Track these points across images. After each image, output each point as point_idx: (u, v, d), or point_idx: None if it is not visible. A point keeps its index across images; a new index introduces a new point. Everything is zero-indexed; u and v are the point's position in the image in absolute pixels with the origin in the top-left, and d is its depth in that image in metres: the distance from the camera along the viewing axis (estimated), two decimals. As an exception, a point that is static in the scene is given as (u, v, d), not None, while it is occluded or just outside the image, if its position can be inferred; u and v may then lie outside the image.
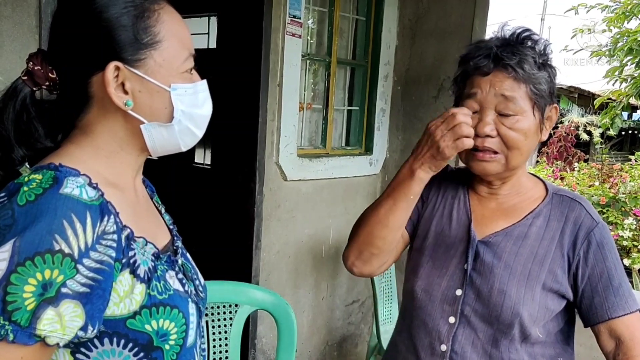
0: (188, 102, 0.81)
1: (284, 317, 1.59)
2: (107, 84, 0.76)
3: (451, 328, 1.11)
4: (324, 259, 3.08)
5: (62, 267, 0.66)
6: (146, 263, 0.79)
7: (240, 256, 2.72)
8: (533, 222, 1.12)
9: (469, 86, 1.09)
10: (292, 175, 2.79)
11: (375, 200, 1.17)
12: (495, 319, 1.08)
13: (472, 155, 1.09)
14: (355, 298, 3.35)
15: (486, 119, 1.05)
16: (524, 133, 1.06)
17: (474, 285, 1.11)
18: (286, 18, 2.60)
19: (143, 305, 0.76)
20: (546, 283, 1.08)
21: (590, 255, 1.09)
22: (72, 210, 0.69)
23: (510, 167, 1.09)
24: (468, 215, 1.17)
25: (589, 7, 7.50)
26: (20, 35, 1.67)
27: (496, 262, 1.10)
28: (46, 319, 0.66)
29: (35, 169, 0.75)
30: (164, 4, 0.81)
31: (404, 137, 3.27)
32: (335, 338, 3.27)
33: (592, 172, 6.94)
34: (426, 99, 3.14)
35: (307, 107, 3.01)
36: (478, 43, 1.12)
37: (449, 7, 3.01)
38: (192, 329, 0.83)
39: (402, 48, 3.23)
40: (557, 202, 1.14)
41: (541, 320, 1.09)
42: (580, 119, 11.03)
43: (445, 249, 1.16)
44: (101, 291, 0.70)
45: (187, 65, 0.82)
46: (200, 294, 0.92)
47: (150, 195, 1.00)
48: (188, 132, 0.83)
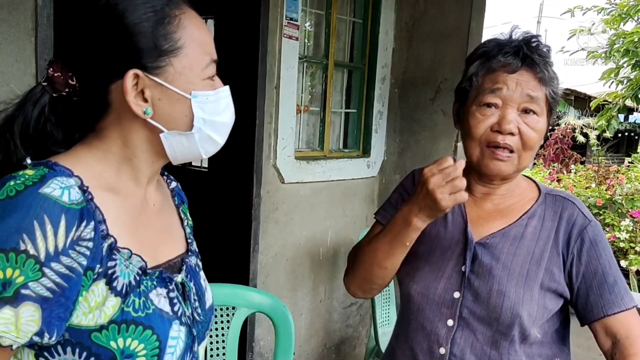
0: (209, 110, 0.80)
1: (282, 319, 1.58)
2: (125, 92, 0.75)
3: (449, 331, 1.10)
4: (322, 261, 3.07)
5: (24, 268, 0.65)
6: (128, 276, 0.75)
7: (238, 259, 2.71)
8: (528, 222, 1.12)
9: (491, 81, 1.07)
10: (290, 177, 2.79)
11: (373, 241, 1.15)
12: (494, 321, 1.07)
13: (488, 153, 1.07)
14: (353, 301, 3.34)
15: (509, 116, 1.05)
16: (540, 134, 1.07)
17: (472, 287, 1.10)
18: (283, 20, 2.61)
19: (112, 320, 0.72)
20: (544, 282, 1.08)
21: (583, 253, 1.09)
22: (46, 211, 0.67)
23: (521, 167, 1.09)
24: (463, 217, 1.16)
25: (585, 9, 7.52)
26: (17, 38, 1.67)
27: (494, 263, 1.09)
28: (1, 319, 0.64)
29: (33, 164, 0.74)
30: (185, 9, 0.79)
31: (401, 139, 3.28)
32: (333, 340, 3.26)
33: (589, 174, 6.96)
34: (423, 101, 3.14)
35: (304, 109, 3.01)
36: (496, 40, 1.11)
37: (445, 9, 3.01)
38: (171, 354, 0.78)
39: (399, 50, 3.24)
40: (551, 201, 1.15)
41: (540, 320, 1.09)
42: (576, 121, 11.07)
43: (441, 251, 1.15)
44: (64, 299, 0.68)
45: (208, 71, 0.80)
46: (197, 317, 0.87)
47: (177, 205, 0.98)
48: (209, 140, 0.82)
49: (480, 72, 1.10)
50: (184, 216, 0.98)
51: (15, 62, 1.67)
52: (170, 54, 0.76)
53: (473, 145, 1.09)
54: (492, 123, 1.06)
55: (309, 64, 3.00)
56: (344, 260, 3.20)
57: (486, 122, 1.07)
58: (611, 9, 7.04)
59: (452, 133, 3.03)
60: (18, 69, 1.68)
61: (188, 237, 0.96)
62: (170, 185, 1.00)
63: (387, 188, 3.36)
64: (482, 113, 1.08)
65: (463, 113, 1.14)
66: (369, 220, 3.34)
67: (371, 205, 3.35)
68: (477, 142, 1.09)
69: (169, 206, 0.95)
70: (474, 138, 1.09)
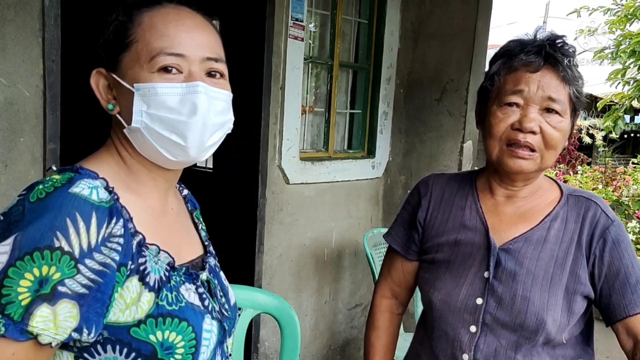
0: (155, 104, 0.76)
1: (288, 321, 1.58)
2: (94, 90, 0.79)
3: (473, 337, 1.09)
4: (327, 262, 3.07)
5: (60, 265, 0.66)
6: (158, 272, 0.77)
7: (243, 260, 2.71)
8: (551, 225, 1.11)
9: (513, 82, 1.06)
10: (295, 178, 2.78)
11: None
12: (519, 326, 1.06)
13: (507, 151, 1.06)
14: (358, 302, 3.33)
15: (530, 115, 1.04)
16: (563, 134, 1.06)
17: (495, 293, 1.08)
18: (289, 21, 2.60)
19: (149, 314, 0.74)
20: (569, 286, 1.07)
21: (606, 254, 1.07)
22: (77, 209, 0.68)
23: (543, 167, 1.08)
24: (483, 222, 1.14)
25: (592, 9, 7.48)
26: (24, 39, 1.67)
27: (518, 268, 1.08)
28: (40, 316, 0.65)
29: (59, 170, 0.76)
30: (157, 8, 0.80)
31: (406, 140, 3.27)
32: (338, 342, 3.25)
33: (596, 175, 6.93)
34: (429, 101, 3.13)
35: (309, 110, 3.01)
36: (520, 39, 1.09)
37: (451, 9, 3.01)
38: (206, 347, 0.80)
39: (404, 51, 3.23)
40: (573, 203, 1.13)
41: (565, 324, 1.07)
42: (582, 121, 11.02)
43: (462, 258, 1.14)
44: (100, 294, 0.69)
45: (157, 63, 0.76)
46: (225, 312, 0.89)
47: (190, 210, 1.00)
48: (163, 139, 0.77)
49: (502, 71, 1.08)
50: (197, 221, 1.00)
51: (23, 62, 1.67)
52: (123, 50, 0.78)
53: (493, 144, 1.08)
54: (513, 121, 1.05)
55: (314, 64, 3.00)
56: (349, 261, 3.20)
57: (507, 120, 1.06)
58: (617, 10, 7.00)
59: (458, 134, 3.03)
60: (25, 69, 1.68)
61: (204, 240, 0.98)
62: (182, 192, 1.02)
63: (392, 189, 3.35)
64: (503, 112, 1.06)
65: (484, 113, 1.13)
66: (374, 221, 3.33)
67: (376, 206, 3.34)
68: (497, 140, 1.07)
69: (184, 211, 0.97)
70: (494, 136, 1.07)
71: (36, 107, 1.72)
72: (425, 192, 1.24)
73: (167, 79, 0.76)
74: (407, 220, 1.27)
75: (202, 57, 0.79)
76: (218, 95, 0.80)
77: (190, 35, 0.79)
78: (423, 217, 1.22)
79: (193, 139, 0.77)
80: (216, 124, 0.80)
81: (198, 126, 0.77)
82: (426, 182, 1.27)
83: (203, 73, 0.79)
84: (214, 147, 0.84)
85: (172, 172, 0.85)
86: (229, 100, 0.84)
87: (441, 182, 1.24)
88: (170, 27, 0.77)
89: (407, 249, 1.26)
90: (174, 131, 0.76)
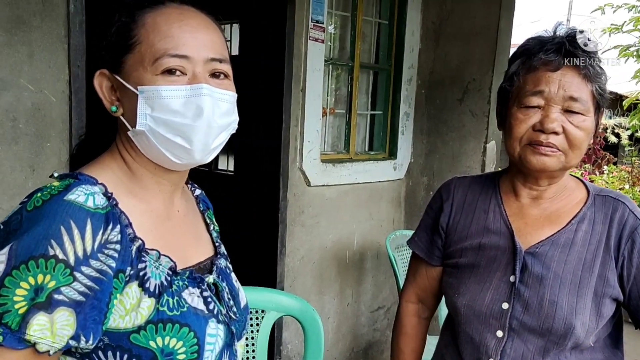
0: (159, 107, 0.75)
1: (311, 323, 1.57)
2: (97, 91, 0.78)
3: (499, 342, 1.08)
4: (349, 264, 3.05)
5: (55, 273, 0.65)
6: (159, 277, 0.76)
7: (265, 262, 2.71)
8: (578, 227, 1.08)
9: (533, 82, 1.03)
10: (316, 180, 2.78)
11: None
12: (547, 331, 1.04)
13: (530, 149, 1.04)
14: (380, 304, 3.31)
15: (552, 115, 1.01)
16: (587, 133, 1.03)
17: (522, 298, 1.06)
18: (309, 23, 2.60)
19: (149, 320, 0.73)
20: (597, 289, 1.04)
21: (634, 255, 1.04)
22: (72, 217, 0.68)
23: (568, 166, 1.05)
24: (507, 225, 1.12)
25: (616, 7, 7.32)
26: (50, 45, 1.70)
27: (545, 272, 1.05)
28: (37, 325, 0.64)
29: (60, 176, 0.76)
30: (160, 7, 0.79)
31: (428, 140, 3.24)
32: (361, 345, 3.23)
33: (622, 175, 6.77)
34: (451, 101, 3.10)
35: (330, 112, 3.01)
36: (539, 37, 1.07)
37: (473, 8, 2.97)
38: (211, 351, 0.79)
39: (425, 51, 3.20)
40: (600, 203, 1.10)
41: (594, 328, 1.05)
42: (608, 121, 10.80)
43: (487, 262, 1.12)
44: (96, 302, 0.68)
45: (160, 65, 0.75)
46: (233, 316, 0.87)
47: (202, 211, 0.99)
48: (168, 142, 0.76)
49: (522, 71, 1.06)
50: (209, 221, 0.99)
51: (49, 68, 1.70)
52: (126, 51, 0.77)
53: (514, 144, 1.06)
54: (535, 122, 1.03)
55: (334, 66, 2.99)
56: (371, 263, 3.18)
57: (528, 122, 1.03)
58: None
59: (481, 134, 2.99)
60: (51, 75, 1.71)
61: (215, 240, 0.97)
62: (194, 192, 1.01)
63: (414, 190, 3.32)
64: (523, 113, 1.04)
65: (505, 113, 1.10)
66: (396, 223, 3.30)
67: (398, 208, 3.32)
68: (518, 141, 1.05)
69: (193, 212, 0.96)
70: (515, 137, 1.05)
71: (62, 113, 1.75)
72: (447, 196, 1.22)
73: (171, 81, 0.75)
74: (429, 225, 1.25)
75: (206, 58, 0.78)
76: (222, 96, 0.79)
77: (194, 36, 0.77)
78: (445, 222, 1.21)
79: (198, 142, 0.76)
80: (221, 126, 0.79)
81: (203, 129, 0.76)
82: (448, 186, 1.25)
83: (207, 74, 0.78)
84: (219, 148, 0.82)
85: (176, 174, 0.84)
86: (234, 101, 0.82)
87: (463, 185, 1.22)
88: (173, 27, 0.76)
89: (430, 255, 1.24)
90: (179, 134, 0.76)
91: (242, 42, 3.61)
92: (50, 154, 1.74)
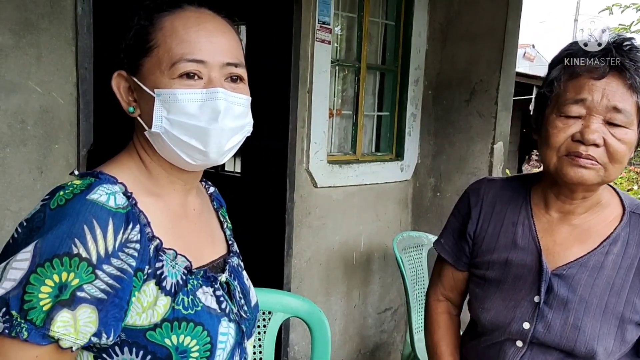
0: (175, 110, 0.76)
1: (318, 324, 1.57)
2: (115, 92, 0.80)
3: (518, 351, 1.07)
4: (356, 266, 3.05)
5: (78, 271, 0.67)
6: (175, 276, 0.78)
7: (272, 263, 2.71)
8: (610, 249, 1.03)
9: (575, 89, 0.97)
10: (323, 182, 2.77)
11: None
12: (567, 354, 1.03)
13: (568, 160, 0.98)
14: (387, 306, 3.30)
15: (593, 126, 0.95)
16: (629, 146, 0.97)
17: (545, 319, 1.04)
18: (315, 24, 2.60)
19: (165, 318, 0.75)
20: (625, 315, 1.01)
21: None
22: (94, 216, 0.69)
23: (607, 180, 0.99)
24: (536, 243, 1.08)
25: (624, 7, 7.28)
26: (58, 47, 1.71)
27: (571, 295, 1.02)
28: (60, 321, 0.66)
29: (81, 175, 0.77)
30: (178, 11, 0.80)
31: (435, 142, 3.23)
32: (368, 346, 3.22)
33: (631, 175, 6.72)
34: (458, 103, 3.09)
35: (336, 113, 3.00)
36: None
37: (480, 9, 2.96)
38: (222, 349, 0.81)
39: (432, 52, 3.19)
40: (635, 222, 1.05)
41: (617, 352, 1.02)
42: (616, 121, 10.71)
43: (513, 279, 1.09)
44: (118, 299, 0.70)
45: (177, 70, 0.76)
46: (244, 314, 0.89)
47: (216, 208, 1.00)
48: (183, 144, 0.78)
49: (563, 77, 1.00)
50: (223, 219, 1.00)
51: (57, 70, 1.71)
52: (144, 54, 0.78)
53: (551, 154, 1.00)
54: (574, 132, 0.97)
55: (341, 67, 2.99)
56: (378, 265, 3.17)
57: (567, 131, 0.98)
58: (652, 6, 6.78)
59: (488, 135, 2.97)
60: (59, 77, 1.72)
61: (228, 238, 0.98)
62: (208, 190, 1.02)
63: (421, 191, 3.31)
64: (563, 122, 0.98)
65: (541, 120, 1.05)
66: (403, 224, 3.29)
67: (405, 209, 3.31)
68: (555, 151, 1.00)
69: (208, 210, 0.97)
70: (552, 147, 1.00)
71: (70, 115, 1.76)
72: (475, 201, 1.18)
73: (188, 85, 0.77)
74: (457, 230, 1.22)
75: (222, 62, 0.79)
76: (237, 100, 0.80)
77: (211, 40, 0.79)
78: (473, 230, 1.17)
79: (212, 144, 0.78)
80: (235, 128, 0.80)
81: (217, 131, 0.78)
82: (477, 190, 1.20)
83: (223, 78, 0.80)
84: (234, 150, 0.84)
85: (190, 173, 0.85)
86: (248, 105, 0.84)
87: (493, 190, 1.18)
88: (191, 32, 0.78)
89: (457, 260, 1.22)
90: (194, 136, 0.77)
91: (249, 43, 3.62)
92: (58, 156, 1.75)
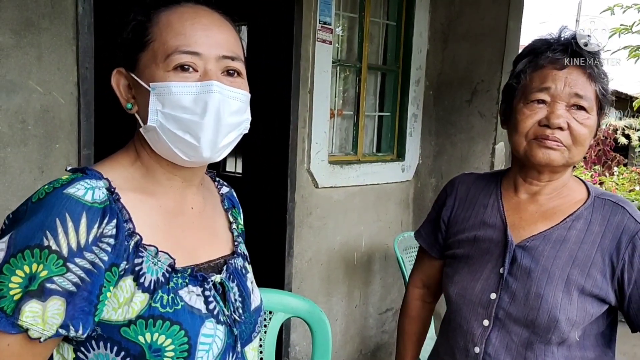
0: (170, 103, 0.75)
1: (319, 325, 1.57)
2: (114, 89, 0.80)
3: (485, 331, 1.12)
4: (357, 266, 3.04)
5: (47, 263, 0.68)
6: (155, 273, 0.76)
7: (272, 263, 2.71)
8: (573, 225, 1.10)
9: (539, 79, 1.07)
10: (324, 182, 2.77)
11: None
12: (531, 323, 1.07)
13: (536, 143, 1.07)
14: (388, 306, 3.30)
15: (558, 111, 1.05)
16: (590, 130, 1.07)
17: (510, 289, 1.10)
18: (317, 25, 2.60)
19: (140, 315, 0.74)
20: (585, 287, 1.06)
21: (635, 259, 1.05)
22: (68, 209, 0.70)
23: (571, 162, 1.09)
24: (503, 220, 1.15)
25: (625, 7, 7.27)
26: (58, 47, 1.71)
27: (534, 266, 1.08)
28: (29, 311, 0.67)
29: (71, 170, 0.78)
30: (175, 7, 0.80)
31: (437, 142, 3.22)
32: (369, 347, 3.22)
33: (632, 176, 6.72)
34: (459, 103, 3.08)
35: (337, 113, 3.00)
36: (545, 38, 1.11)
37: (481, 9, 2.96)
38: (205, 351, 0.78)
39: (433, 52, 3.19)
40: (599, 205, 1.11)
41: (580, 324, 1.06)
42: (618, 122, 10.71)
43: (480, 254, 1.16)
44: (87, 293, 0.70)
45: (172, 61, 0.76)
46: (237, 317, 0.86)
47: (226, 209, 0.99)
48: (177, 139, 0.76)
49: (529, 69, 1.09)
50: (232, 219, 0.98)
51: (58, 70, 1.71)
52: (141, 49, 0.78)
53: (520, 140, 1.09)
54: (540, 118, 1.06)
55: (342, 67, 2.99)
56: (379, 265, 3.17)
57: (534, 117, 1.07)
58: (653, 6, 6.77)
59: (490, 135, 2.97)
60: (60, 77, 1.72)
61: (235, 239, 0.96)
62: (220, 190, 1.01)
63: (422, 192, 3.31)
64: (530, 109, 1.08)
65: (510, 111, 1.14)
66: (404, 225, 3.29)
67: (406, 209, 3.30)
68: (524, 136, 1.08)
69: (213, 209, 0.95)
70: (521, 133, 1.08)
71: (71, 114, 1.76)
72: (450, 191, 1.28)
73: (183, 78, 0.76)
74: (433, 219, 1.31)
75: (218, 55, 0.78)
76: (233, 94, 0.78)
77: (207, 34, 0.78)
78: (447, 216, 1.26)
79: (205, 140, 0.76)
80: (230, 124, 0.78)
81: (211, 126, 0.76)
82: (453, 181, 1.30)
83: (219, 72, 0.78)
84: (229, 148, 0.82)
85: (188, 170, 0.84)
86: (246, 100, 0.82)
87: (468, 181, 1.27)
88: (186, 25, 0.77)
89: (432, 247, 1.31)
90: (188, 131, 0.76)
91: (250, 43, 3.62)
92: (59, 156, 1.75)
